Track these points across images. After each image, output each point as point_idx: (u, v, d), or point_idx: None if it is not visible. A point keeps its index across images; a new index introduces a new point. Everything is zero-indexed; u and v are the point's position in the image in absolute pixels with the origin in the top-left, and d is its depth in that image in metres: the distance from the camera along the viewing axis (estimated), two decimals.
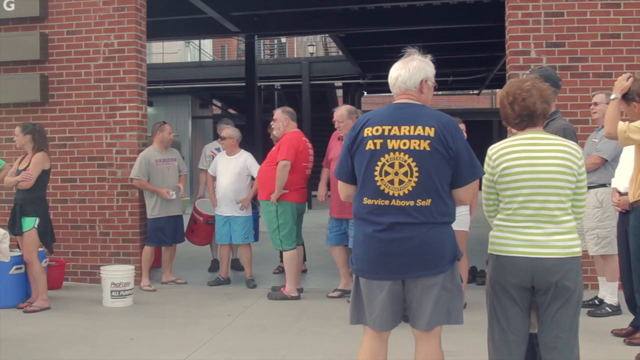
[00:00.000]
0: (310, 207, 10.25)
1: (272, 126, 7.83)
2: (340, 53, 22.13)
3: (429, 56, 3.80)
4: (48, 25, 8.61)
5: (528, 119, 3.66)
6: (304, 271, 8.60)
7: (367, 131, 3.62)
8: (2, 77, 8.71)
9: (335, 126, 7.30)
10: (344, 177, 3.81)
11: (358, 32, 17.32)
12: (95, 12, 8.44)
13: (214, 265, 9.24)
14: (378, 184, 3.57)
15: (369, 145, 3.60)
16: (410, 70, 3.68)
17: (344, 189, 3.87)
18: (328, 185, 7.53)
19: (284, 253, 7.50)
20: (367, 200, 3.62)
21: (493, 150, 3.70)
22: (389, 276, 3.61)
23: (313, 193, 7.68)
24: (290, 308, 7.01)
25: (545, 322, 3.60)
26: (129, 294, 7.30)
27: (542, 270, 3.51)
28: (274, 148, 7.61)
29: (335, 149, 7.14)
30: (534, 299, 3.64)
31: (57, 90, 8.57)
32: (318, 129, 19.39)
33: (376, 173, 3.57)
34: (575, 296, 3.58)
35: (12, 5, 8.59)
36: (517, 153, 3.61)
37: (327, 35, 23.63)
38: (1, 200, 7.45)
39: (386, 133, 3.56)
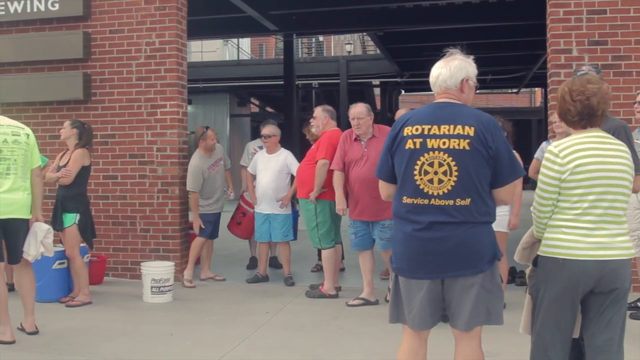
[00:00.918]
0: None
1: (311, 124, 7.86)
2: (378, 51, 22.08)
3: (471, 56, 3.79)
4: (91, 24, 8.73)
5: (588, 118, 3.59)
6: (342, 269, 8.61)
7: (407, 130, 3.62)
8: (46, 75, 8.86)
9: (354, 124, 6.90)
10: (384, 176, 3.83)
11: (396, 31, 17.27)
12: (137, 11, 8.54)
13: (252, 263, 9.30)
14: (417, 183, 3.57)
15: (409, 144, 3.60)
16: (451, 70, 3.68)
17: (384, 188, 3.89)
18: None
19: (322, 251, 7.51)
20: (406, 199, 3.63)
21: (559, 147, 3.57)
22: (427, 275, 3.61)
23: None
24: (328, 306, 7.03)
25: (600, 326, 3.52)
26: (169, 290, 7.38)
27: (609, 273, 3.44)
28: (313, 146, 7.63)
29: (353, 151, 6.92)
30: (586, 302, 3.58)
31: (99, 88, 8.69)
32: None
33: (415, 172, 3.57)
34: (626, 298, 3.55)
35: (57, 5, 8.73)
36: (588, 151, 3.51)
37: (365, 33, 23.57)
38: (45, 196, 7.53)
39: (426, 132, 3.57)
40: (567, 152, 3.53)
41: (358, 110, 6.91)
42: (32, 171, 5.94)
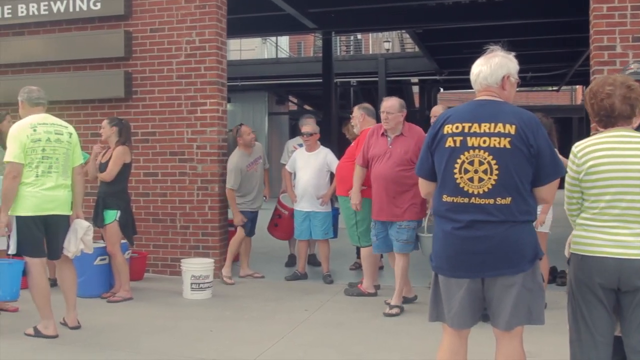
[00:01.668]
0: None
1: (351, 123, 7.87)
2: (417, 49, 21.97)
3: (513, 52, 3.76)
4: (132, 23, 8.82)
5: (606, 119, 3.57)
6: (381, 268, 8.59)
7: (447, 128, 3.61)
8: (88, 73, 8.99)
9: (383, 117, 6.74)
10: (424, 174, 3.82)
11: (435, 28, 17.16)
12: (177, 10, 8.61)
13: (291, 260, 9.32)
14: (457, 181, 3.55)
15: (449, 142, 3.58)
16: (492, 67, 3.65)
17: (424, 186, 3.88)
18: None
19: (361, 249, 7.49)
20: (446, 198, 3.61)
21: (579, 147, 3.58)
22: (467, 274, 3.59)
23: None
24: (367, 304, 7.01)
25: (632, 325, 3.47)
26: (208, 287, 7.43)
27: (629, 272, 3.40)
28: (352, 144, 7.62)
29: (377, 146, 6.80)
30: (618, 301, 3.55)
31: (140, 86, 8.78)
32: None
33: (456, 171, 3.56)
34: None
35: (98, 4, 8.84)
36: (605, 151, 3.49)
37: (404, 31, 23.47)
38: (86, 193, 7.63)
39: (466, 130, 3.55)
40: (583, 152, 3.55)
41: (389, 104, 6.74)
42: (73, 169, 6.03)
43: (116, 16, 8.82)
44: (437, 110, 7.27)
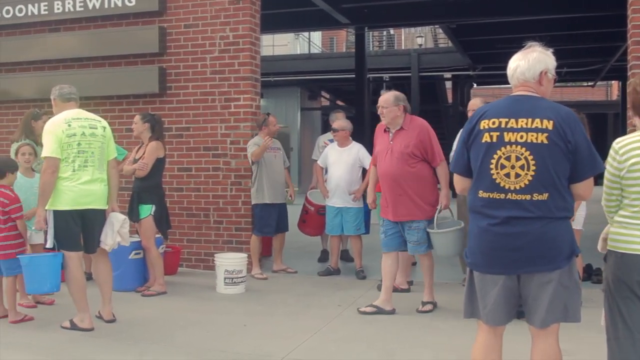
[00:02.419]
0: None
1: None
2: (450, 44, 21.82)
3: (551, 49, 3.72)
4: (166, 19, 8.89)
5: None
6: (414, 264, 8.55)
7: (484, 124, 3.58)
8: (123, 69, 9.08)
9: (379, 112, 6.50)
10: (460, 169, 3.78)
11: (469, 23, 17.03)
12: (211, 6, 8.65)
13: (324, 256, 9.33)
14: (494, 177, 3.52)
15: (485, 137, 3.55)
16: (530, 61, 3.61)
17: (459, 182, 3.85)
18: None
19: None
20: (482, 194, 3.59)
21: (620, 144, 3.51)
22: (503, 270, 3.57)
23: None
24: (399, 300, 6.97)
25: None
26: (242, 282, 7.46)
27: None
28: None
29: (381, 143, 6.61)
30: None
31: (174, 82, 8.84)
32: (427, 120, 19.16)
33: (492, 166, 3.53)
34: None
35: (133, 1, 8.93)
36: None
37: (437, 26, 23.33)
38: (121, 188, 7.73)
39: (503, 125, 3.51)
40: (625, 149, 3.47)
41: (384, 98, 6.50)
42: (108, 163, 6.10)
43: (150, 12, 8.89)
44: (474, 104, 7.15)
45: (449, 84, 27.78)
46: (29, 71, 9.75)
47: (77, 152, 5.79)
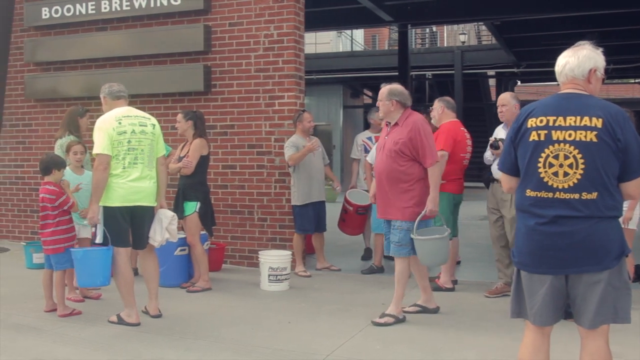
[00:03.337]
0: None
1: (431, 115, 7.79)
2: (494, 41, 21.64)
3: (600, 48, 3.67)
4: (211, 17, 8.95)
5: None
6: (458, 263, 8.50)
7: (531, 122, 3.54)
8: (168, 67, 9.17)
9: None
10: (507, 168, 3.75)
11: (514, 20, 16.86)
12: (255, 4, 8.68)
13: (367, 254, 9.31)
14: (542, 175, 3.49)
15: (533, 136, 3.52)
16: (580, 59, 3.57)
17: (506, 181, 3.81)
18: None
19: None
20: (530, 193, 3.55)
21: None
22: (551, 270, 3.53)
23: (467, 184, 7.49)
24: (444, 299, 6.93)
25: None
26: (286, 279, 7.48)
27: None
28: None
29: (381, 137, 6.44)
30: None
31: (219, 80, 8.90)
32: (470, 118, 19.07)
33: (540, 165, 3.49)
34: None
35: (179, 0, 8.99)
36: None
37: (481, 23, 23.13)
38: (167, 185, 7.83)
39: (551, 124, 3.48)
40: None
41: (380, 92, 6.27)
42: (157, 160, 6.17)
43: (196, 11, 8.96)
44: (504, 99, 7.02)
45: (492, 82, 27.57)
46: (76, 70, 9.91)
47: (127, 149, 5.87)
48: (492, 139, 6.94)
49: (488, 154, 7.03)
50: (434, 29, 33.69)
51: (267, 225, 8.65)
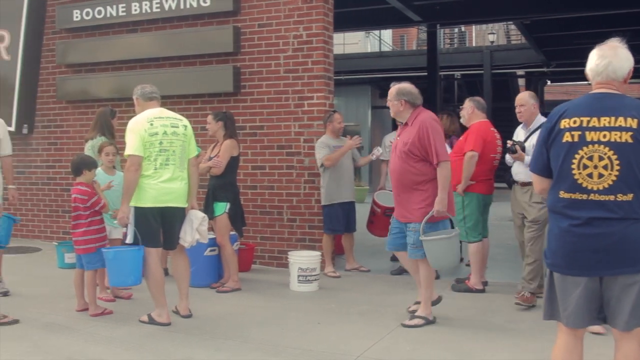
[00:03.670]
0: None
1: (461, 114, 7.75)
2: (523, 40, 21.49)
3: (625, 45, 3.63)
4: (240, 18, 8.98)
5: None
6: (461, 260, 8.46)
7: (564, 123, 3.50)
8: (198, 69, 9.22)
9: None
10: (539, 169, 3.72)
11: (544, 19, 16.72)
12: (284, 5, 8.69)
13: (394, 255, 9.26)
14: (576, 177, 3.45)
15: (566, 137, 3.48)
16: (622, 59, 3.54)
17: (538, 182, 3.77)
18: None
19: (469, 245, 7.38)
20: (563, 194, 3.51)
21: None
22: (585, 272, 3.49)
23: (497, 185, 7.43)
24: (474, 301, 6.91)
25: None
26: (315, 280, 7.49)
27: None
28: (461, 138, 7.51)
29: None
30: None
31: (248, 81, 8.93)
32: (500, 118, 18.90)
33: (574, 166, 3.46)
34: None
35: (208, 1, 9.06)
36: None
37: (510, 22, 22.98)
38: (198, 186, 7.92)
39: (584, 125, 3.44)
40: None
41: (389, 92, 6.26)
42: (188, 161, 6.20)
43: (225, 12, 9.00)
44: (522, 99, 6.86)
45: (521, 82, 27.36)
46: (107, 71, 10.00)
47: (159, 150, 5.91)
48: (509, 142, 6.81)
49: (508, 157, 6.95)
50: (463, 28, 33.55)
51: (297, 226, 8.66)
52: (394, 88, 6.19)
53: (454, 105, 23.78)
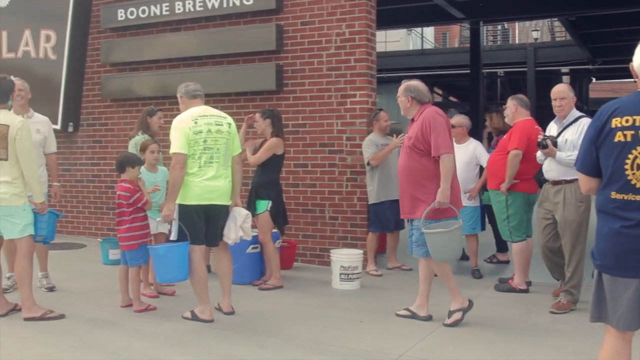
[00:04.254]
0: None
1: (504, 114, 7.66)
2: (568, 37, 21.22)
3: None
4: (283, 17, 8.99)
5: None
6: (463, 258, 8.42)
7: (616, 122, 3.41)
8: (240, 67, 9.26)
9: None
10: (587, 169, 3.62)
11: (590, 15, 16.48)
12: (327, 3, 8.68)
13: None
14: (629, 178, 3.37)
15: (618, 136, 3.39)
16: None
17: (586, 182, 3.68)
18: None
19: (513, 244, 7.29)
20: (615, 195, 3.43)
21: None
22: (638, 274, 3.40)
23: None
24: (518, 301, 6.83)
25: None
26: (357, 278, 7.47)
27: None
28: (504, 136, 7.43)
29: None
30: None
31: (291, 79, 8.94)
32: (544, 116, 18.68)
33: (627, 167, 3.37)
34: None
35: (251, 0, 9.07)
36: None
37: (555, 19, 22.69)
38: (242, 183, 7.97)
39: (637, 124, 3.35)
40: None
41: (398, 89, 6.25)
42: (232, 158, 6.23)
43: (268, 10, 9.02)
44: (563, 92, 6.50)
45: (566, 79, 27.03)
46: (151, 70, 10.10)
47: (203, 148, 5.94)
48: (540, 136, 6.52)
49: (539, 153, 6.62)
50: (506, 25, 33.24)
51: (338, 224, 8.64)
52: (403, 85, 6.19)
53: (497, 103, 23.58)
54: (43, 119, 7.34)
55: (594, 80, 28.87)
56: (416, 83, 6.18)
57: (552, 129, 6.62)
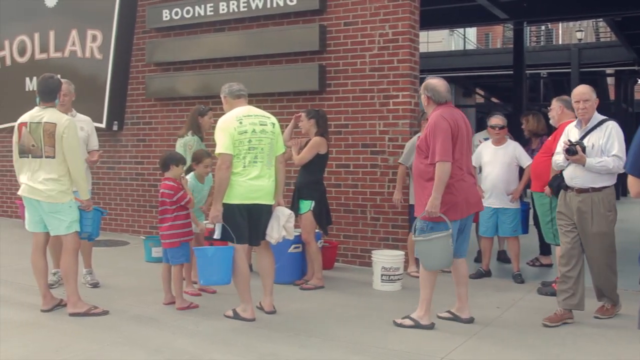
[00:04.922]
0: None
1: (549, 115, 7.57)
2: (613, 38, 20.89)
3: None
4: (326, 17, 9.00)
5: None
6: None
7: None
8: (284, 67, 9.29)
9: None
10: (639, 172, 3.57)
11: (636, 15, 16.20)
12: (370, 3, 8.67)
13: (481, 256, 9.13)
14: None
15: None
16: None
17: (635, 185, 3.62)
18: None
19: (557, 248, 7.21)
20: None
21: None
22: None
23: None
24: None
25: None
26: (398, 279, 7.45)
27: None
28: (549, 138, 7.35)
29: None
30: None
31: (333, 79, 8.95)
32: None
33: None
34: None
35: (294, 0, 9.10)
36: None
37: (600, 19, 22.37)
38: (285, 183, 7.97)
39: None
40: None
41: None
42: (276, 158, 6.26)
43: (311, 11, 9.04)
44: (587, 93, 6.15)
45: (610, 80, 26.64)
46: (194, 70, 10.19)
47: (248, 148, 5.98)
48: (566, 142, 6.10)
49: (560, 159, 6.25)
50: (549, 26, 32.86)
51: (380, 225, 8.63)
52: (425, 82, 6.10)
53: (540, 105, 23.32)
54: (85, 118, 7.50)
55: (639, 81, 28.38)
56: (435, 82, 6.04)
57: (573, 132, 6.27)
